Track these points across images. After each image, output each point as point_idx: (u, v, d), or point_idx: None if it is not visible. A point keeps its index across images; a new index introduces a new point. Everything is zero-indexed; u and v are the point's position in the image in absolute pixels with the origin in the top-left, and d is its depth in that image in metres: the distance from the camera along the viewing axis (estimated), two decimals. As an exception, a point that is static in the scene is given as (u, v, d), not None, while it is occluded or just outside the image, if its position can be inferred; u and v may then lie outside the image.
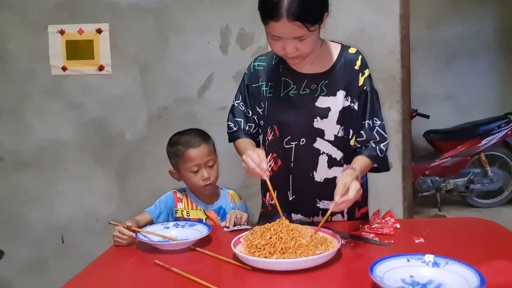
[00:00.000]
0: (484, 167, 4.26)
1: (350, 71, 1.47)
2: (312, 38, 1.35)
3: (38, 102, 2.80)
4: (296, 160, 1.51)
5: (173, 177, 1.75)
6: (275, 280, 1.14)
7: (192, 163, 1.64)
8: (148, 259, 1.34)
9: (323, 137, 1.48)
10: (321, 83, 1.47)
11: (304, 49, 1.36)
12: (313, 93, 1.47)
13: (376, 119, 1.49)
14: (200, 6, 2.67)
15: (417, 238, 1.37)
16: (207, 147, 1.67)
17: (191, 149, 1.65)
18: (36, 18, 2.74)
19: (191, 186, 1.70)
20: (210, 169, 1.66)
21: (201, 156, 1.64)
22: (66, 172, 2.84)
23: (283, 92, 1.50)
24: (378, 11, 2.55)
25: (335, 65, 1.48)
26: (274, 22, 1.30)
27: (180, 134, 1.75)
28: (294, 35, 1.31)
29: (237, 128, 1.60)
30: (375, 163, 1.50)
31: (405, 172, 2.69)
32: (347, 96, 1.47)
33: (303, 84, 1.48)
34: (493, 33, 4.58)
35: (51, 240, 2.89)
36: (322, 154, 1.49)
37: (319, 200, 1.54)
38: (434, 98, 4.48)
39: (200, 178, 1.64)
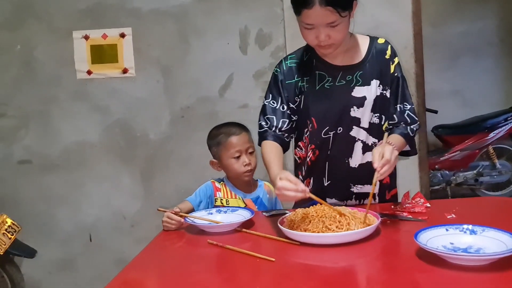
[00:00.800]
0: (493, 160, 4.35)
1: (382, 60, 1.56)
2: (344, 25, 1.43)
3: (65, 106, 2.90)
4: (334, 148, 1.59)
5: (213, 167, 1.84)
6: (323, 253, 1.23)
7: (234, 149, 1.74)
8: (199, 240, 1.43)
9: (359, 125, 1.57)
10: (356, 73, 1.56)
11: (336, 36, 1.44)
12: (349, 83, 1.56)
13: (406, 103, 1.58)
14: (219, 9, 2.78)
15: (448, 214, 1.46)
16: (247, 135, 1.78)
17: (233, 136, 1.75)
18: (61, 25, 2.85)
19: (232, 173, 1.78)
20: (251, 155, 1.76)
21: (242, 142, 1.75)
22: (93, 173, 2.94)
23: (319, 85, 1.57)
24: (391, 9, 2.67)
25: (367, 56, 1.57)
26: (307, 10, 1.38)
27: (220, 126, 1.84)
28: (326, 21, 1.39)
29: (268, 127, 1.61)
30: (407, 142, 1.58)
31: (422, 162, 2.78)
32: (380, 85, 1.56)
33: (338, 75, 1.56)
34: (496, 30, 4.70)
35: (80, 239, 2.98)
36: (358, 141, 1.58)
37: (353, 184, 1.63)
38: (442, 94, 4.59)
39: (242, 164, 1.73)
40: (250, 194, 1.81)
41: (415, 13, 2.67)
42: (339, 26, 1.42)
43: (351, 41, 1.58)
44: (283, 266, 1.19)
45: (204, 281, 1.15)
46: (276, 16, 2.75)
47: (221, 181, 1.84)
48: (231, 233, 1.46)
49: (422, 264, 1.08)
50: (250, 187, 1.82)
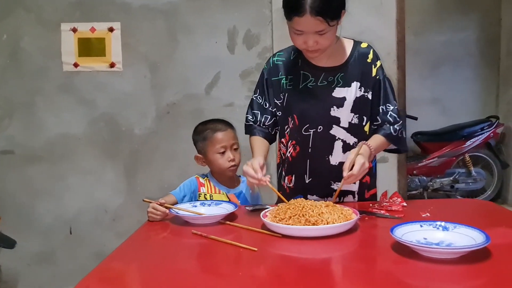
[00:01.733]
0: (468, 167, 4.49)
1: (364, 64, 1.63)
2: (331, 33, 1.51)
3: (50, 98, 2.90)
4: (314, 145, 1.66)
5: (198, 162, 1.89)
6: (304, 245, 1.28)
7: (219, 144, 1.79)
8: (183, 231, 1.47)
9: (338, 124, 1.63)
10: (337, 75, 1.63)
11: (324, 43, 1.51)
12: (330, 84, 1.63)
13: (389, 104, 1.65)
14: (208, 8, 2.83)
15: (423, 213, 1.53)
16: (232, 132, 1.84)
17: (219, 132, 1.81)
18: (50, 16, 2.85)
19: (217, 168, 1.83)
20: (235, 152, 1.83)
21: (227, 138, 1.81)
22: (76, 166, 2.94)
23: (302, 84, 1.65)
24: (376, 16, 2.75)
25: (349, 59, 1.64)
26: (298, 17, 1.44)
27: (206, 122, 1.90)
28: (315, 29, 1.46)
29: (254, 121, 1.73)
30: (391, 142, 1.65)
31: (400, 167, 2.87)
32: (361, 87, 1.63)
33: (320, 76, 1.63)
34: (477, 42, 4.83)
35: (60, 232, 2.98)
36: (338, 140, 1.65)
37: (333, 182, 1.69)
38: (422, 101, 4.70)
39: (226, 160, 1.79)
40: (233, 189, 1.86)
41: (399, 21, 2.76)
42: (327, 34, 1.49)
43: (337, 44, 1.64)
44: (265, 256, 1.23)
45: (187, 269, 1.18)
46: (264, 18, 2.80)
47: (205, 177, 1.88)
48: (215, 225, 1.50)
49: (397, 256, 1.14)
50: (234, 183, 1.87)
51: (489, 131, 4.41)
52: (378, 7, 2.76)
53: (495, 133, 4.42)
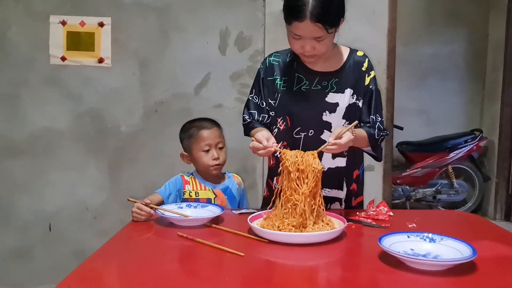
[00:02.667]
0: (451, 179, 4.54)
1: (358, 72, 1.64)
2: (329, 40, 1.52)
3: (35, 90, 2.84)
4: (304, 149, 1.62)
5: (183, 160, 1.89)
6: (291, 252, 1.27)
7: (204, 142, 1.80)
8: (168, 233, 1.44)
9: (330, 130, 1.63)
10: (331, 80, 1.63)
11: (321, 49, 1.52)
12: (324, 89, 1.63)
13: (378, 115, 1.66)
14: (202, 8, 2.81)
15: (410, 223, 1.54)
16: (218, 130, 1.85)
17: (204, 130, 1.82)
18: (39, 8, 2.79)
19: (201, 166, 1.82)
20: (220, 150, 1.83)
21: (212, 137, 1.81)
22: (59, 161, 2.88)
23: (296, 86, 1.65)
24: (369, 25, 2.77)
25: (344, 66, 1.65)
26: (298, 22, 1.45)
27: (193, 120, 1.91)
28: (314, 35, 1.47)
29: (251, 120, 1.72)
30: (370, 143, 1.63)
31: (386, 175, 2.89)
32: (353, 94, 1.63)
33: (315, 80, 1.64)
34: (463, 55, 4.91)
35: (39, 228, 2.91)
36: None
37: (321, 188, 1.68)
38: (408, 112, 4.75)
39: (211, 158, 1.79)
40: (219, 185, 1.86)
41: (390, 31, 2.78)
42: (324, 41, 1.51)
43: (333, 50, 1.65)
44: (252, 261, 1.22)
45: (172, 272, 1.16)
46: (257, 21, 2.79)
47: (190, 175, 1.87)
48: (200, 228, 1.48)
49: (384, 266, 1.14)
50: (219, 179, 1.88)
51: (472, 144, 4.47)
52: (370, 16, 2.78)
53: (478, 146, 4.48)
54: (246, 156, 2.82)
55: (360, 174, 1.77)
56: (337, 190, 1.72)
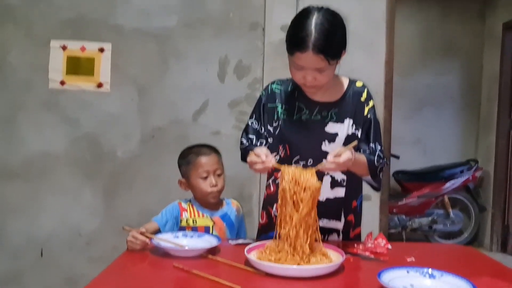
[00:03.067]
0: (447, 209, 4.53)
1: (357, 102, 1.65)
2: (330, 71, 1.53)
3: (33, 114, 2.83)
4: None
5: (181, 187, 1.87)
6: (288, 285, 1.25)
7: (202, 169, 1.78)
8: (164, 263, 1.42)
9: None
10: (331, 110, 1.64)
11: (322, 80, 1.53)
12: (324, 119, 1.64)
13: (378, 143, 1.66)
14: (202, 36, 2.84)
15: (408, 257, 1.52)
16: (216, 157, 1.84)
17: (202, 156, 1.81)
18: (40, 33, 2.82)
19: (199, 193, 1.80)
20: (218, 177, 1.81)
21: (211, 163, 1.79)
22: (53, 185, 2.85)
23: (296, 115, 1.66)
24: (366, 56, 2.80)
25: (344, 96, 1.66)
26: (300, 53, 1.46)
27: (192, 146, 1.90)
28: (316, 66, 1.48)
29: (249, 144, 1.71)
30: (369, 169, 1.62)
31: (382, 205, 2.87)
32: (353, 124, 1.64)
33: (315, 110, 1.65)
34: (458, 87, 4.98)
35: (30, 253, 2.86)
36: (327, 175, 1.64)
37: (319, 217, 1.66)
38: (404, 141, 4.77)
39: (209, 184, 1.77)
40: (217, 212, 1.83)
41: (387, 62, 2.82)
42: (326, 72, 1.52)
43: (333, 81, 1.66)
44: (249, 295, 1.19)
45: (167, 305, 1.14)
46: (256, 49, 2.83)
47: (188, 202, 1.85)
48: (196, 259, 1.46)
49: (383, 303, 1.12)
50: (217, 206, 1.85)
51: (468, 174, 4.49)
52: (368, 47, 2.82)
53: (474, 177, 4.49)
54: (243, 184, 2.81)
55: (358, 205, 1.76)
56: (335, 221, 1.70)
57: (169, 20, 2.82)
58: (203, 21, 2.84)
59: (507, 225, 4.37)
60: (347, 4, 2.83)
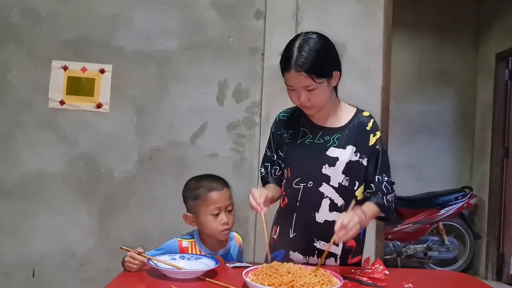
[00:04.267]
0: (442, 236, 4.52)
1: (362, 131, 1.68)
2: (321, 90, 1.58)
3: (31, 133, 2.84)
4: (302, 200, 1.68)
5: (186, 221, 1.73)
6: (287, 309, 1.24)
7: (214, 205, 1.65)
8: (160, 285, 1.41)
9: (328, 183, 1.65)
10: (334, 136, 1.68)
11: (314, 99, 1.59)
12: (326, 143, 1.67)
13: (385, 175, 1.68)
14: (202, 59, 2.88)
15: (406, 283, 1.52)
16: (228, 192, 1.71)
17: (214, 191, 1.66)
18: (41, 52, 2.85)
19: (208, 231, 1.68)
20: (229, 214, 1.68)
21: (223, 199, 1.67)
22: (48, 204, 2.84)
23: (300, 139, 1.71)
24: (363, 82, 2.85)
25: (348, 123, 1.69)
26: (287, 73, 1.56)
27: (200, 178, 1.74)
28: (302, 84, 1.55)
29: (265, 173, 1.82)
30: (381, 211, 1.67)
31: (378, 231, 2.87)
32: (356, 152, 1.66)
33: (318, 134, 1.69)
34: (453, 114, 5.04)
35: (21, 273, 2.82)
36: (326, 198, 1.66)
37: (316, 239, 1.68)
38: (399, 167, 4.77)
39: (219, 222, 1.64)
40: (221, 250, 1.73)
41: (384, 89, 2.87)
42: (316, 91, 1.57)
43: (338, 108, 1.72)
44: (247, 319, 1.18)
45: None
46: (255, 74, 2.87)
47: (191, 239, 1.72)
48: (194, 281, 1.45)
49: (383, 329, 1.11)
50: (222, 243, 1.74)
51: (463, 201, 4.50)
52: (365, 74, 2.87)
53: (468, 204, 4.50)
54: (239, 207, 2.75)
55: (361, 232, 1.76)
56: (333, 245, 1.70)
57: (170, 43, 2.87)
58: (204, 45, 2.88)
59: (502, 253, 4.37)
60: (345, 32, 2.90)
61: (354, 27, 2.89)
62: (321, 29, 2.70)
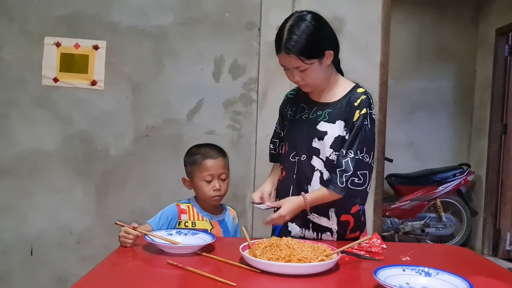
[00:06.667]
0: (439, 213, 4.55)
1: (350, 107, 1.64)
2: (312, 70, 1.60)
3: (25, 111, 2.80)
4: (298, 173, 1.71)
5: (185, 185, 1.85)
6: (284, 282, 1.24)
7: (207, 172, 1.75)
8: (157, 260, 1.40)
9: (318, 156, 1.67)
10: (325, 110, 1.69)
11: (307, 79, 1.63)
12: (317, 118, 1.69)
13: (351, 151, 1.60)
14: (197, 35, 2.82)
15: (403, 256, 1.52)
16: (223, 161, 1.80)
17: (209, 159, 1.76)
18: (34, 29, 2.79)
19: (201, 195, 1.78)
20: (222, 181, 1.78)
21: (216, 167, 1.76)
22: (45, 183, 2.82)
23: (299, 115, 1.76)
24: (361, 57, 2.80)
25: (341, 99, 1.68)
26: (279, 54, 1.61)
27: (200, 145, 1.85)
28: (293, 65, 1.59)
29: (274, 148, 1.89)
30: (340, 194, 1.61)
31: (376, 207, 2.87)
32: (345, 127, 1.64)
33: (313, 109, 1.72)
34: (451, 91, 5.01)
35: (20, 251, 2.82)
36: (316, 171, 1.68)
37: (310, 212, 1.70)
38: (397, 144, 4.78)
39: (212, 188, 1.75)
40: (217, 216, 1.82)
41: (382, 64, 2.83)
42: (307, 71, 1.60)
43: (336, 84, 1.72)
44: (244, 292, 1.18)
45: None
46: (252, 49, 2.82)
47: (188, 202, 1.82)
48: (191, 256, 1.44)
49: (380, 300, 1.11)
50: (217, 210, 1.84)
51: (460, 178, 4.51)
52: (363, 49, 2.82)
53: (466, 181, 4.52)
54: (236, 184, 2.79)
55: (360, 209, 1.76)
56: (325, 218, 1.70)
57: (165, 19, 2.81)
58: (199, 20, 2.82)
59: (498, 229, 4.39)
60: (343, 7, 2.84)
61: (353, 1, 2.83)
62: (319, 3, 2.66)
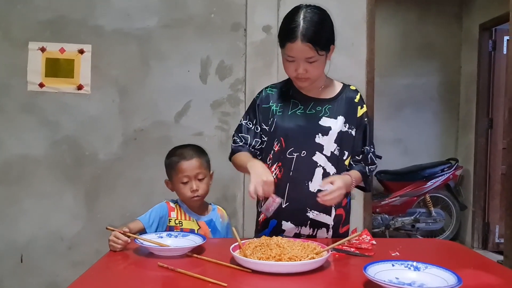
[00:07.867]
0: (429, 208, 4.59)
1: (351, 103, 1.74)
2: (320, 63, 1.62)
3: (11, 117, 2.78)
4: (296, 169, 1.69)
5: (168, 187, 1.85)
6: (275, 281, 1.24)
7: (182, 174, 1.76)
8: (148, 263, 1.40)
9: (321, 152, 1.68)
10: (325, 106, 1.72)
11: (313, 71, 1.61)
12: (318, 113, 1.71)
13: (372, 146, 1.79)
14: (183, 37, 2.83)
15: (393, 252, 1.53)
16: (198, 161, 1.79)
17: (183, 161, 1.77)
18: (18, 34, 2.77)
19: (181, 197, 1.80)
20: (200, 182, 1.77)
21: (191, 168, 1.76)
22: (33, 189, 2.80)
23: (291, 110, 1.73)
24: (347, 55, 2.82)
25: (338, 95, 1.75)
26: (291, 43, 1.56)
27: (177, 147, 1.87)
28: (305, 55, 1.57)
29: (243, 143, 1.76)
30: (363, 179, 1.75)
31: (366, 204, 2.90)
32: (346, 123, 1.71)
33: (309, 105, 1.72)
34: (437, 87, 5.05)
35: (9, 259, 2.80)
36: (319, 167, 1.68)
37: (309, 209, 1.69)
38: (385, 141, 4.81)
39: (189, 189, 1.75)
40: (204, 217, 1.82)
41: (368, 62, 2.85)
42: (316, 63, 1.60)
43: (326, 81, 1.76)
44: (235, 292, 1.18)
45: (152, 304, 1.12)
46: (238, 50, 2.82)
47: (175, 203, 1.83)
48: (181, 258, 1.44)
49: (369, 295, 1.12)
50: (203, 210, 1.84)
51: (448, 173, 4.55)
52: (349, 47, 2.85)
53: (454, 175, 4.56)
54: (226, 185, 2.80)
55: (348, 201, 1.80)
56: (325, 215, 1.72)
57: (150, 21, 2.81)
58: (185, 22, 2.83)
59: (487, 222, 4.45)
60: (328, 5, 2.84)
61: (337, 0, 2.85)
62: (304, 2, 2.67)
